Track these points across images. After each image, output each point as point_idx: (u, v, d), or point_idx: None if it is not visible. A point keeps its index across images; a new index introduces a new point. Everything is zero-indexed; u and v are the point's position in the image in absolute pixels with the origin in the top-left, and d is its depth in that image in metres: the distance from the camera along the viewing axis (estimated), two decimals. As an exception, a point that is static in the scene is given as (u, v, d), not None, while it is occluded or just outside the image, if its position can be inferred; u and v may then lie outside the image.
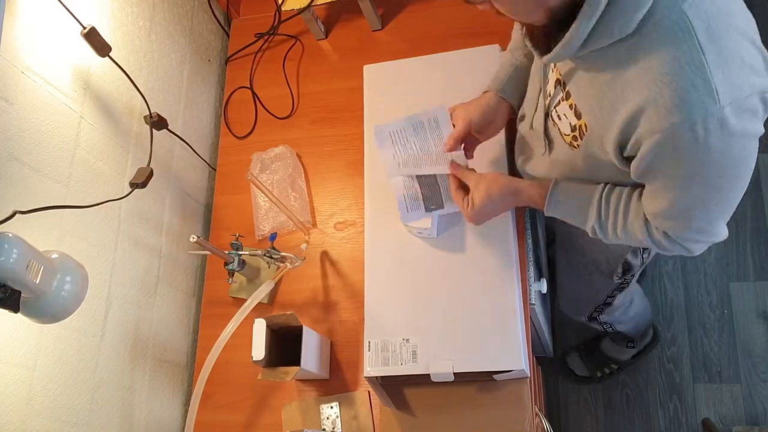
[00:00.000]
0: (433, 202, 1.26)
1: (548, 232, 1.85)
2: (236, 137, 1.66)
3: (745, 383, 1.94)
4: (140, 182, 1.29)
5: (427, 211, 1.26)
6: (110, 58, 1.24)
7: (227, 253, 1.38)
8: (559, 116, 1.03)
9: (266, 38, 1.72)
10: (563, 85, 0.99)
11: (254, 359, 1.22)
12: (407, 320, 1.25)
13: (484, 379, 1.23)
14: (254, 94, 1.68)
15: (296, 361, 1.23)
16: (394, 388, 1.28)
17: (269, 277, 1.39)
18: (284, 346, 1.30)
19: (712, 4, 0.80)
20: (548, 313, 1.90)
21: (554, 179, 1.12)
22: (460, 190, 1.20)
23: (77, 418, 1.16)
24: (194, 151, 1.58)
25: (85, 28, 1.17)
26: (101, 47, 1.21)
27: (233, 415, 1.41)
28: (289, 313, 1.24)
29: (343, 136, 1.57)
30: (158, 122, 1.38)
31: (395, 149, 1.26)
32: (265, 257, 1.38)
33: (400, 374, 1.22)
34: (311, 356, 1.28)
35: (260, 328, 1.24)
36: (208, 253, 1.39)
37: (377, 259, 1.32)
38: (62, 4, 1.12)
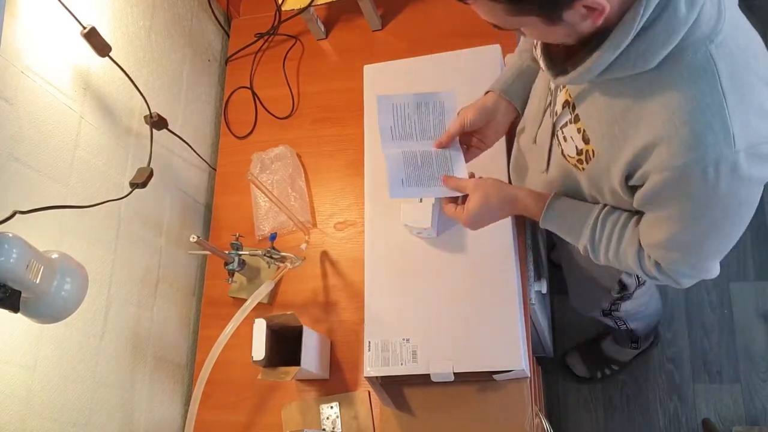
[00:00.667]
0: (431, 179, 1.20)
1: (549, 236, 1.85)
2: (236, 137, 1.66)
3: (745, 383, 1.94)
4: (140, 182, 1.29)
5: (425, 186, 1.19)
6: (110, 58, 1.24)
7: (227, 253, 1.38)
8: (565, 138, 1.01)
9: (266, 38, 1.72)
10: (572, 107, 0.97)
11: (254, 359, 1.22)
12: (407, 320, 1.25)
13: (484, 379, 1.23)
14: (254, 94, 1.68)
15: (296, 361, 1.23)
16: (394, 388, 1.28)
17: (269, 277, 1.39)
18: (284, 346, 1.30)
19: (737, 47, 0.79)
20: (548, 313, 1.90)
21: (554, 192, 1.11)
22: (452, 203, 1.17)
23: (77, 418, 1.16)
24: (194, 151, 1.58)
25: (85, 28, 1.17)
26: (101, 47, 1.21)
27: (233, 415, 1.41)
28: (289, 313, 1.24)
29: (343, 136, 1.57)
30: (158, 122, 1.38)
31: (394, 121, 1.23)
32: (265, 257, 1.38)
33: (400, 374, 1.22)
34: (311, 356, 1.28)
35: (260, 328, 1.24)
36: (208, 253, 1.39)
37: (377, 259, 1.32)
38: (62, 4, 1.12)
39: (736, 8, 0.84)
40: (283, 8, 1.62)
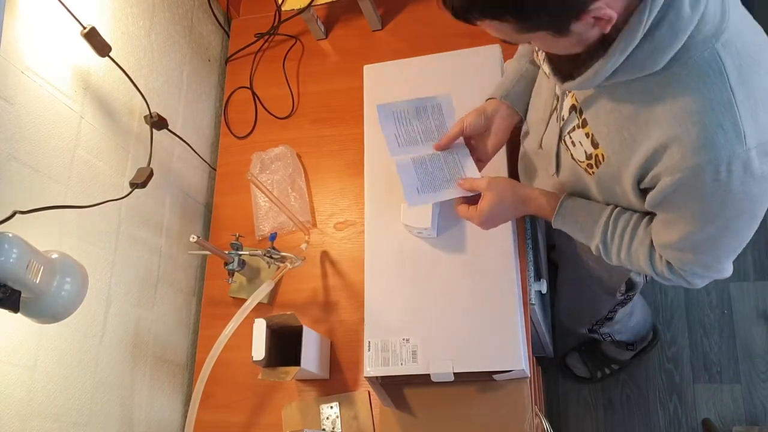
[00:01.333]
0: (444, 182, 1.21)
1: (548, 236, 1.85)
2: (236, 137, 1.66)
3: (745, 383, 1.94)
4: (140, 182, 1.29)
5: (439, 190, 1.19)
6: (110, 58, 1.24)
7: (227, 253, 1.38)
8: (573, 142, 1.01)
9: (266, 38, 1.72)
10: (579, 111, 0.96)
11: (254, 359, 1.22)
12: (407, 320, 1.25)
13: (484, 379, 1.23)
14: (254, 94, 1.68)
15: (296, 361, 1.23)
16: (394, 388, 1.28)
17: (269, 277, 1.39)
18: (284, 346, 1.30)
19: (743, 44, 0.79)
20: (548, 313, 1.90)
21: (566, 192, 1.10)
22: (465, 203, 1.17)
23: (77, 418, 1.16)
24: (194, 151, 1.58)
25: (85, 28, 1.17)
26: (101, 47, 1.21)
27: (233, 415, 1.41)
28: (289, 313, 1.24)
29: (343, 136, 1.57)
30: (158, 122, 1.38)
31: (397, 129, 1.24)
32: (265, 257, 1.38)
33: (400, 374, 1.22)
34: (311, 356, 1.28)
35: (260, 328, 1.24)
36: (208, 253, 1.39)
37: (377, 259, 1.32)
38: (62, 4, 1.12)
39: (739, 5, 0.84)
40: (283, 8, 1.62)
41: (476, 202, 1.15)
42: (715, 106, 0.77)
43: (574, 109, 0.98)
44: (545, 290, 1.37)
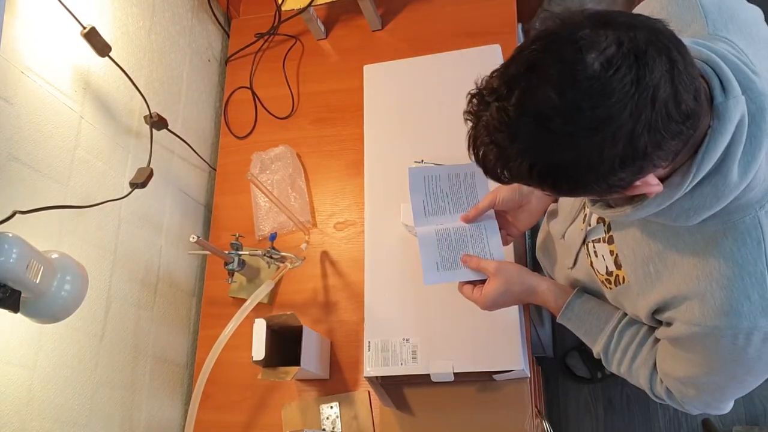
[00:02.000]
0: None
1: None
2: (236, 137, 1.66)
3: (745, 383, 1.94)
4: (140, 182, 1.29)
5: (459, 269, 1.11)
6: (110, 58, 1.24)
7: (227, 253, 1.38)
8: (596, 253, 0.97)
9: (266, 38, 1.72)
10: (608, 227, 0.93)
11: (254, 359, 1.22)
12: (407, 320, 1.25)
13: (484, 379, 1.23)
14: (254, 94, 1.68)
15: (296, 361, 1.23)
16: (394, 388, 1.28)
17: (269, 277, 1.39)
18: (284, 346, 1.30)
19: None
20: (548, 312, 1.90)
21: (576, 290, 1.07)
22: (469, 284, 1.11)
23: (77, 418, 1.16)
24: (194, 151, 1.58)
25: (85, 28, 1.17)
26: (101, 47, 1.21)
27: (233, 415, 1.41)
28: (289, 313, 1.24)
29: (343, 136, 1.57)
30: (158, 122, 1.38)
31: (426, 196, 1.17)
32: (265, 257, 1.38)
33: (400, 374, 1.22)
34: (311, 356, 1.28)
35: (260, 328, 1.24)
36: (208, 253, 1.39)
37: (377, 259, 1.32)
38: (62, 4, 1.12)
39: None
40: (283, 8, 1.62)
41: (483, 281, 1.09)
42: (746, 275, 0.74)
43: (602, 221, 0.94)
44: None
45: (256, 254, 1.39)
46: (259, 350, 1.23)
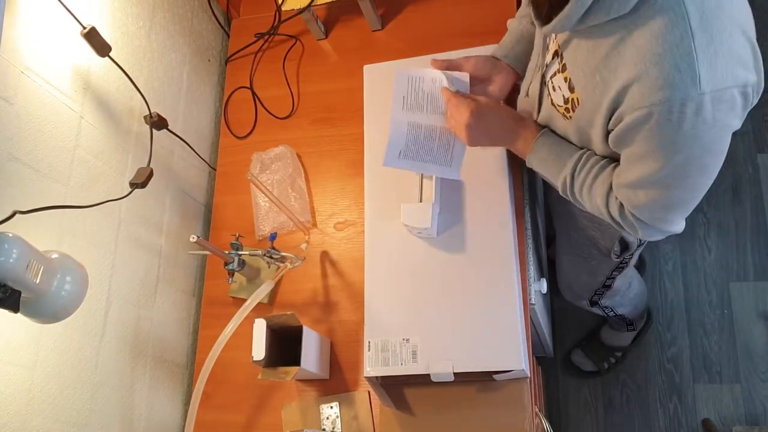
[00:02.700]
0: (429, 155, 1.23)
1: (548, 232, 1.85)
2: (236, 137, 1.66)
3: (745, 383, 1.94)
4: (140, 182, 1.29)
5: (419, 161, 1.22)
6: (110, 58, 1.24)
7: (227, 253, 1.38)
8: (554, 87, 1.05)
9: (266, 38, 1.72)
10: (561, 57, 1.00)
11: (254, 359, 1.22)
12: (407, 320, 1.25)
13: (484, 379, 1.23)
14: (254, 94, 1.68)
15: (296, 361, 1.23)
16: (394, 388, 1.28)
17: (269, 277, 1.39)
18: (284, 346, 1.30)
19: None
20: (548, 313, 1.90)
21: (546, 127, 1.14)
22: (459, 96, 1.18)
23: (77, 418, 1.16)
24: (194, 151, 1.58)
25: (85, 28, 1.17)
26: (101, 47, 1.21)
27: (233, 415, 1.41)
28: (289, 313, 1.24)
29: (343, 136, 1.57)
30: (158, 122, 1.38)
31: (407, 91, 1.24)
32: (265, 257, 1.38)
33: (400, 374, 1.22)
34: (311, 356, 1.28)
35: (260, 328, 1.24)
36: (208, 253, 1.39)
37: (377, 259, 1.32)
38: (62, 4, 1.12)
39: None
40: (283, 8, 1.62)
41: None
42: (674, 47, 0.80)
43: (556, 54, 1.01)
44: (545, 290, 1.37)
45: (256, 254, 1.39)
46: (259, 350, 1.23)
